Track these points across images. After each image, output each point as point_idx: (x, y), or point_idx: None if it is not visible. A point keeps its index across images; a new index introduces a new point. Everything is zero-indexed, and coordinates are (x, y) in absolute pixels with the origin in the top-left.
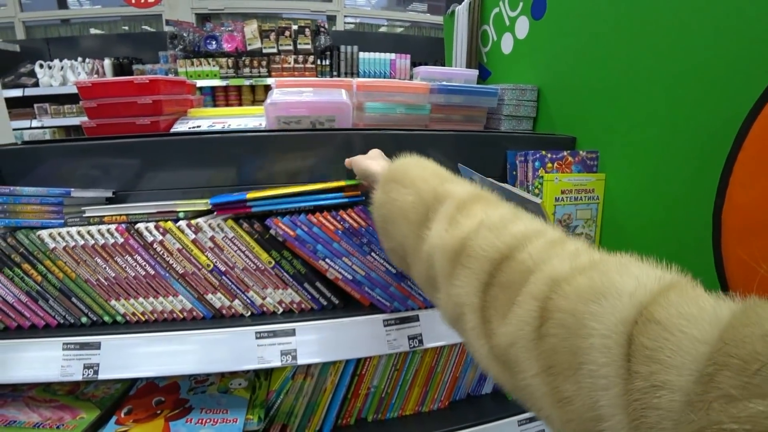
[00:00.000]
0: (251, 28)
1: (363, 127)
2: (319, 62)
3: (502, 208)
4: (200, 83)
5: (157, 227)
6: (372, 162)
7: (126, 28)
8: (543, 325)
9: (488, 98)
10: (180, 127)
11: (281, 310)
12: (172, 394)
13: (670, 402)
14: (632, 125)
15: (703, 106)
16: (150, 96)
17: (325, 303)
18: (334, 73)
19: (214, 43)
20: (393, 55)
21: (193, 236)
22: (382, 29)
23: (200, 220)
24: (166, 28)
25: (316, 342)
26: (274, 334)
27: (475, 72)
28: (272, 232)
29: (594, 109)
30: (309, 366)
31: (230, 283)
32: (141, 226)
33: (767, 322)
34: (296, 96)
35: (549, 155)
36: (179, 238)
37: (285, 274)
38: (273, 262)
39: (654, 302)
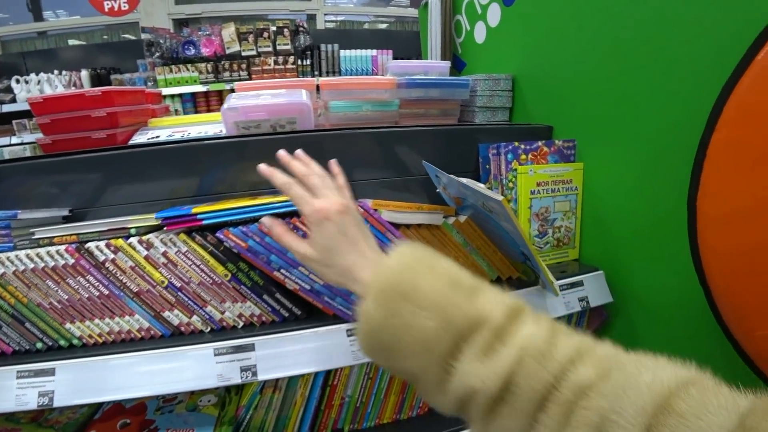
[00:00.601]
0: (229, 32)
1: (329, 127)
2: (300, 62)
3: (538, 323)
4: (180, 90)
5: (108, 245)
6: (340, 271)
7: (106, 37)
8: (565, 427)
9: (459, 90)
10: (139, 138)
11: (242, 324)
12: (138, 415)
13: None
14: (610, 111)
15: (681, 89)
16: (104, 108)
17: (286, 314)
18: (316, 73)
19: (192, 48)
20: (374, 52)
21: (146, 252)
22: (366, 26)
23: (152, 236)
24: (143, 36)
25: (277, 356)
26: (233, 350)
27: (447, 64)
28: (226, 244)
29: (570, 97)
30: (277, 379)
31: (187, 299)
32: (92, 245)
33: None
34: (254, 99)
35: (522, 146)
36: (131, 255)
37: (243, 286)
38: (229, 275)
39: (673, 395)
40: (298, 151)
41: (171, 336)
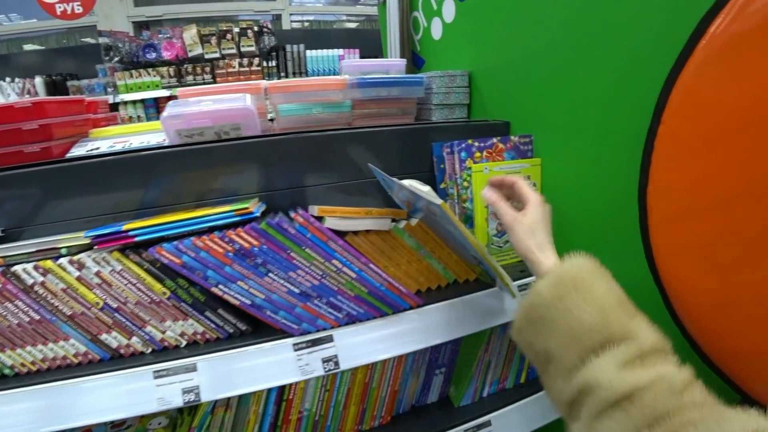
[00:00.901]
0: (190, 34)
1: (280, 131)
2: (265, 64)
3: (681, 369)
4: (142, 95)
5: (36, 268)
6: (531, 245)
7: (65, 42)
8: None
9: (414, 88)
10: (77, 150)
11: (184, 342)
12: None
13: None
14: (564, 105)
15: (630, 80)
16: (36, 120)
17: (231, 330)
18: (282, 74)
19: (153, 52)
20: (341, 51)
21: (77, 273)
22: (336, 26)
23: (83, 256)
24: (100, 40)
25: (221, 375)
26: (174, 371)
27: (403, 61)
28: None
29: (527, 92)
30: (228, 398)
31: (124, 320)
32: (18, 268)
33: None
34: (194, 106)
35: (477, 144)
36: (62, 277)
37: (183, 304)
38: (168, 293)
39: (761, 429)
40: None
41: (111, 359)
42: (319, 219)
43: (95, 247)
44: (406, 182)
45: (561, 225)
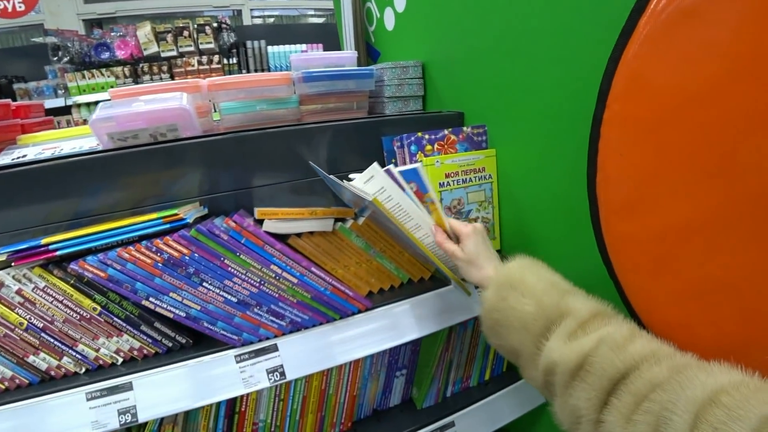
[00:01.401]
0: (144, 31)
1: (224, 131)
2: (225, 61)
3: (621, 326)
4: (96, 97)
5: None
6: (473, 271)
7: (12, 42)
8: (634, 413)
9: (363, 81)
10: (2, 159)
11: (121, 360)
12: None
13: None
14: (518, 93)
15: (578, 64)
16: None
17: (170, 344)
18: (243, 71)
19: (106, 51)
20: (304, 46)
21: None
22: (300, 21)
23: (1, 273)
24: (47, 39)
25: (158, 392)
26: (108, 392)
27: (354, 54)
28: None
29: (480, 81)
30: (176, 414)
31: (53, 340)
32: None
33: None
34: (126, 108)
35: (427, 136)
36: None
37: (116, 319)
38: (99, 308)
39: (722, 391)
40: None
41: (41, 382)
42: (261, 222)
43: (13, 263)
44: (334, 178)
45: (518, 216)
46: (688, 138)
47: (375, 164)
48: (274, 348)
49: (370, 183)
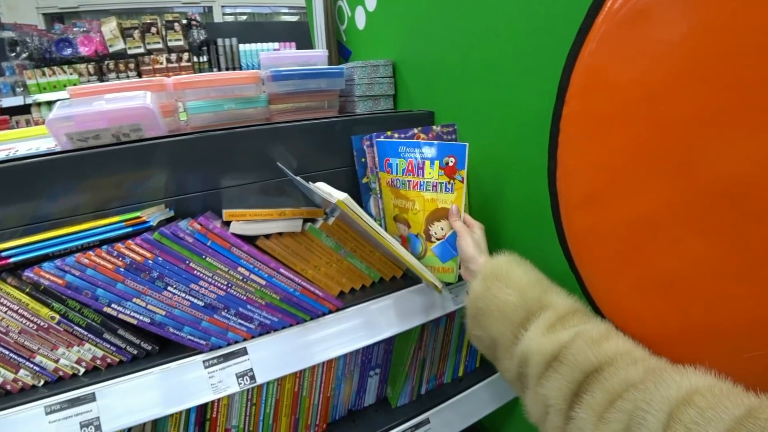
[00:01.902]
0: (110, 27)
1: (191, 130)
2: (196, 59)
3: (598, 324)
4: (58, 95)
5: None
6: (474, 250)
7: None
8: (607, 411)
9: (333, 80)
10: None
11: (83, 370)
12: None
13: None
14: (486, 92)
15: (540, 61)
16: None
17: (135, 352)
18: (215, 69)
19: (69, 47)
20: (276, 45)
21: None
22: (274, 18)
23: None
24: (4, 34)
25: (124, 403)
26: (68, 404)
27: (324, 52)
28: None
29: (450, 80)
30: (143, 423)
31: (8, 353)
32: None
33: None
34: (86, 107)
35: (396, 135)
36: None
37: (76, 327)
38: (57, 317)
39: (696, 393)
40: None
41: None
42: (229, 224)
43: None
44: (300, 179)
45: (487, 213)
46: (644, 133)
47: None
48: (244, 352)
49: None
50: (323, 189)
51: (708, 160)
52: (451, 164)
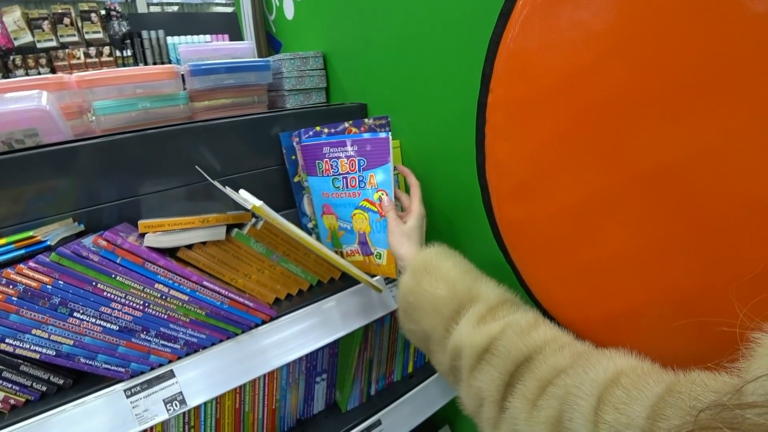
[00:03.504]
0: (13, 18)
1: (100, 133)
2: (119, 53)
3: (527, 313)
4: None
5: None
6: (402, 245)
7: None
8: (539, 398)
9: (259, 73)
10: None
11: None
12: None
13: None
14: (416, 83)
15: (471, 52)
16: None
17: (44, 389)
18: (140, 64)
19: None
20: (208, 37)
21: None
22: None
23: None
24: None
25: None
26: None
27: (249, 44)
28: None
29: (381, 71)
30: None
31: None
32: None
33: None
34: None
35: (326, 130)
36: None
37: None
38: None
39: (622, 374)
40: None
41: None
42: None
43: None
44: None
45: (428, 208)
46: (567, 121)
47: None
48: (170, 374)
49: None
50: (240, 195)
51: (630, 148)
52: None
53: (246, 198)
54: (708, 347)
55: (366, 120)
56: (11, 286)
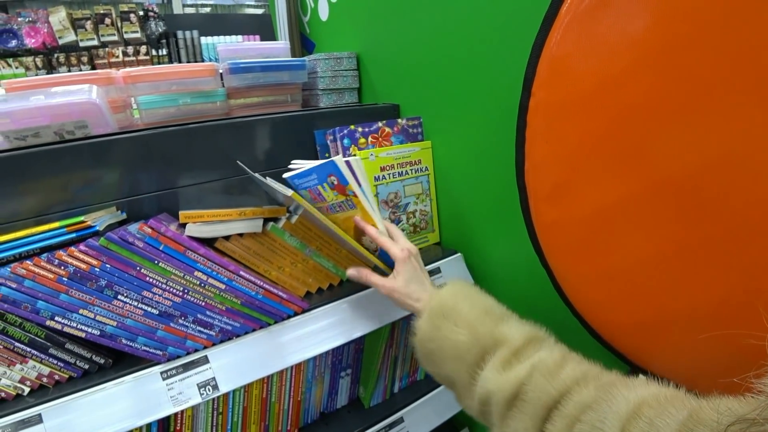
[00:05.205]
0: (58, 18)
1: (143, 127)
2: (154, 52)
3: (552, 350)
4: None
5: None
6: (410, 296)
7: None
8: None
9: (295, 72)
10: None
11: (28, 390)
12: None
13: None
14: (452, 85)
15: (512, 56)
16: None
17: (87, 367)
18: (175, 63)
19: (13, 39)
20: (240, 38)
21: None
22: (238, 11)
23: None
24: None
25: (74, 423)
26: (12, 428)
27: (285, 44)
28: None
29: (414, 72)
30: None
31: None
32: None
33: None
34: (23, 102)
35: (360, 129)
36: None
37: (18, 344)
38: None
39: (644, 404)
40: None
41: None
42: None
43: None
44: (257, 175)
45: (455, 208)
46: (601, 124)
47: (298, 161)
48: (205, 360)
49: None
50: (278, 184)
51: (661, 153)
52: (336, 182)
53: (285, 186)
54: (735, 360)
55: (399, 120)
56: (63, 267)
